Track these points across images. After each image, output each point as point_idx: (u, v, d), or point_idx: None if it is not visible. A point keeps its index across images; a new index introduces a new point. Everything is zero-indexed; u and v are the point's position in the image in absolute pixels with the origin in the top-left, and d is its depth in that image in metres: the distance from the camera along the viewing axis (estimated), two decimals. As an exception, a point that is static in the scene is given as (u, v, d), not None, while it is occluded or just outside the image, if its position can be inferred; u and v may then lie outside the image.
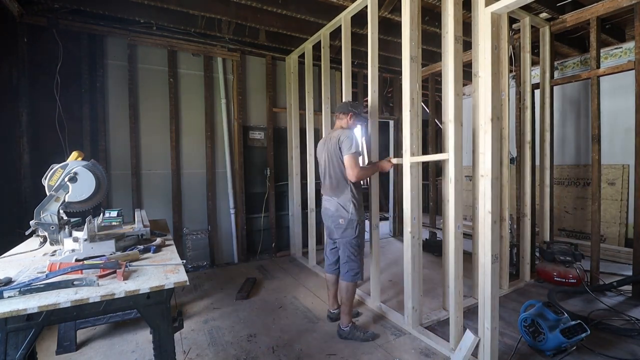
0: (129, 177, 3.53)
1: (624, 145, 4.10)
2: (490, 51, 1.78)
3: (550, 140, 3.40)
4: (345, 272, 2.35)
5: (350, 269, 2.34)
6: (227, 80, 4.06)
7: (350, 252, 2.33)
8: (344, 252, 2.36)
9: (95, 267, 1.26)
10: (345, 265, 2.36)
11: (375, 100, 2.70)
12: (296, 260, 4.19)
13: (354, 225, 2.30)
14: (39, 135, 3.04)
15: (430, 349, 2.18)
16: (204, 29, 3.61)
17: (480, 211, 1.88)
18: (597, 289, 2.92)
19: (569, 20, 3.24)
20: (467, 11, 2.85)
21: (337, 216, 2.34)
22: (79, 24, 3.21)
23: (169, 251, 1.61)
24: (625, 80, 3.70)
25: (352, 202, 2.31)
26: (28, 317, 0.99)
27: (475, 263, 2.52)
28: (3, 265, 1.37)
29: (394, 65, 4.76)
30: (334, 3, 3.27)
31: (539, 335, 2.06)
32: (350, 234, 2.32)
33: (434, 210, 5.75)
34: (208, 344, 2.26)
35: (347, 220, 2.30)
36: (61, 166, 1.52)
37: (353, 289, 2.36)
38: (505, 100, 2.87)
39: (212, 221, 3.98)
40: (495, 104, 1.82)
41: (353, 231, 2.31)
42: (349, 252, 2.34)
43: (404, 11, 2.31)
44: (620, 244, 4.09)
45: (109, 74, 3.45)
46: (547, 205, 3.45)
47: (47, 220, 1.48)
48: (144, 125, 3.62)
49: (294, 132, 4.21)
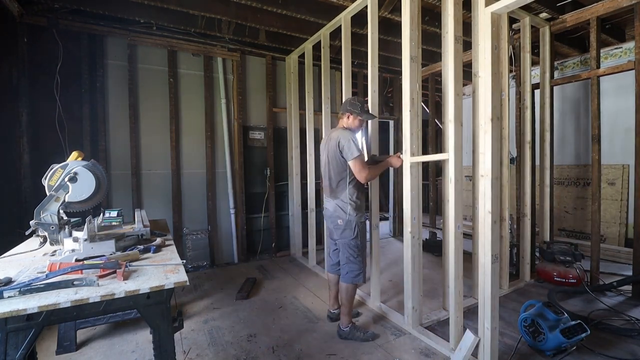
0: (129, 177, 3.53)
1: (624, 145, 4.10)
2: (490, 51, 1.78)
3: (550, 140, 3.40)
4: (345, 273, 2.34)
5: (350, 271, 2.32)
6: (227, 80, 4.06)
7: (349, 253, 2.32)
8: (344, 253, 2.34)
9: (95, 267, 1.26)
10: (345, 267, 2.34)
11: (375, 100, 2.70)
12: (296, 260, 4.19)
13: (352, 226, 2.28)
14: (39, 135, 3.04)
15: (430, 349, 2.18)
16: (204, 29, 3.61)
17: (480, 211, 1.88)
18: (597, 289, 2.92)
19: (569, 20, 3.24)
20: (467, 11, 2.85)
21: (336, 217, 2.33)
22: (79, 24, 3.21)
23: (169, 251, 1.61)
24: (625, 80, 3.70)
25: (350, 203, 2.28)
26: (28, 317, 0.99)
27: (475, 263, 2.52)
28: (3, 265, 1.37)
29: (394, 65, 4.76)
30: (334, 3, 3.27)
31: (539, 335, 2.06)
32: (349, 235, 2.30)
33: (434, 210, 5.75)
34: (208, 344, 2.26)
35: (345, 221, 2.29)
36: (61, 166, 1.52)
37: (353, 290, 2.34)
38: (505, 100, 2.87)
39: (212, 221, 3.98)
40: (495, 104, 1.82)
41: (351, 232, 2.29)
42: (348, 254, 2.32)
43: (404, 11, 2.31)
44: (620, 244, 4.09)
45: (109, 74, 3.45)
46: (547, 205, 3.45)
47: (47, 220, 1.48)
48: (144, 125, 3.62)
49: (294, 132, 4.21)
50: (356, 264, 2.31)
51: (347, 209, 2.28)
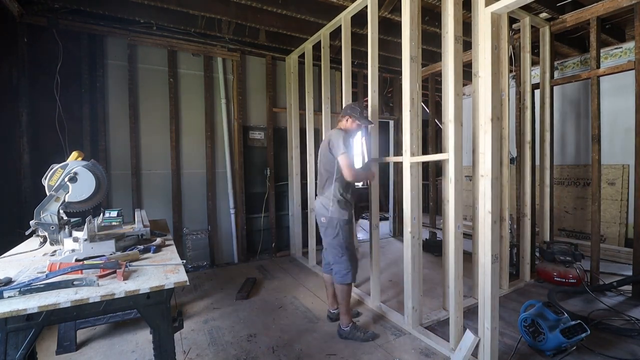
0: (129, 177, 3.53)
1: (624, 145, 4.10)
2: (490, 51, 1.78)
3: (550, 140, 3.40)
4: (335, 273, 2.32)
5: (338, 271, 2.30)
6: (227, 80, 4.06)
7: (334, 253, 2.30)
8: (329, 252, 2.34)
9: (95, 267, 1.26)
10: (335, 267, 2.32)
11: (375, 100, 2.70)
12: (296, 260, 4.19)
13: (334, 224, 2.26)
14: (39, 135, 3.04)
15: (430, 349, 2.18)
16: (204, 29, 3.61)
17: (480, 211, 1.88)
18: (597, 289, 2.92)
19: (569, 20, 3.24)
20: (467, 11, 2.85)
21: (320, 214, 2.33)
22: (79, 24, 3.21)
23: (169, 251, 1.61)
24: (625, 80, 3.70)
25: (334, 200, 2.26)
26: (28, 317, 0.99)
27: (475, 263, 2.52)
28: (3, 265, 1.37)
29: (394, 65, 4.75)
30: (334, 3, 3.27)
31: (539, 335, 2.06)
32: (331, 233, 2.28)
33: (434, 210, 5.75)
34: (208, 344, 2.26)
35: (328, 218, 2.27)
36: (61, 166, 1.52)
37: (346, 290, 2.31)
38: (505, 100, 2.87)
39: (212, 221, 3.98)
40: (495, 104, 1.82)
41: (333, 230, 2.27)
42: (333, 253, 2.31)
43: (404, 11, 2.31)
44: (620, 244, 4.09)
45: (109, 74, 3.45)
46: (547, 205, 3.45)
47: (47, 220, 1.48)
48: (144, 125, 3.62)
49: (294, 132, 4.21)
50: (342, 263, 2.29)
51: (329, 206, 2.27)
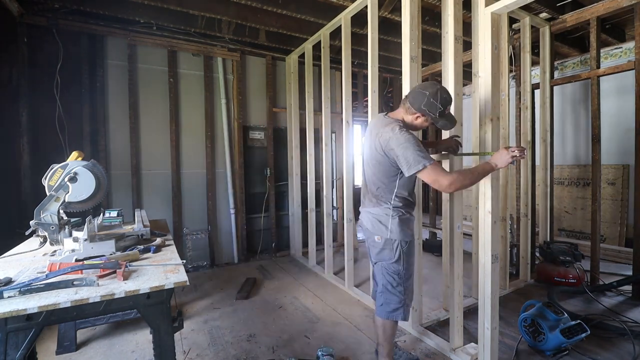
0: (129, 177, 3.53)
1: (624, 145, 4.10)
2: (490, 51, 1.78)
3: (550, 140, 3.40)
4: (380, 304, 1.83)
5: (386, 302, 1.81)
6: (227, 80, 4.06)
7: (387, 280, 1.80)
8: (380, 279, 1.84)
9: (95, 267, 1.26)
10: (381, 297, 1.83)
11: (375, 100, 2.70)
12: (296, 260, 4.19)
13: (394, 246, 1.76)
14: (38, 135, 3.04)
15: (430, 349, 2.18)
16: (204, 29, 3.61)
17: (480, 211, 1.88)
18: (597, 289, 2.92)
19: (569, 20, 3.24)
20: (467, 11, 2.85)
21: (372, 232, 1.83)
22: (79, 24, 3.21)
23: (169, 251, 1.61)
24: (625, 80, 3.71)
25: (393, 216, 1.77)
26: (28, 317, 1.00)
27: (475, 263, 2.52)
28: (3, 265, 1.37)
29: (394, 65, 4.75)
30: (334, 3, 3.27)
31: (539, 335, 2.06)
32: (388, 256, 1.78)
33: (434, 210, 5.74)
34: (208, 344, 2.26)
35: (385, 239, 1.78)
36: (61, 166, 1.51)
37: (391, 328, 1.84)
38: (505, 100, 2.87)
39: (212, 221, 3.98)
40: (495, 104, 1.82)
41: (391, 253, 1.77)
42: (385, 280, 1.80)
43: (404, 11, 2.31)
44: (620, 244, 4.09)
45: (109, 74, 3.44)
46: (547, 205, 3.45)
47: (47, 220, 1.48)
48: (144, 125, 3.62)
49: (294, 132, 4.21)
50: (395, 295, 1.79)
51: (389, 224, 1.77)
